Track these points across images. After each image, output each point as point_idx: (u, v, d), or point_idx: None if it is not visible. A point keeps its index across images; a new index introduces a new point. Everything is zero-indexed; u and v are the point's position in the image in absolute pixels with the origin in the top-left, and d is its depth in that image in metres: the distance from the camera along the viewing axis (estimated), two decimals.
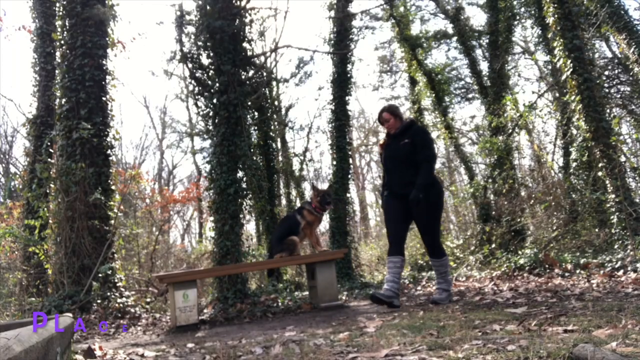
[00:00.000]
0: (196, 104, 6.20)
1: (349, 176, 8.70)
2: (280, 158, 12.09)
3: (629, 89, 9.21)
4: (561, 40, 6.43)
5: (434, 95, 10.97)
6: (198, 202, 16.04)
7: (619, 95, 9.32)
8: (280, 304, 5.38)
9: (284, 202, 12.02)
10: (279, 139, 12.45)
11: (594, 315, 2.49)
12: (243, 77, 5.95)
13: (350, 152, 9.03)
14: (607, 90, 8.74)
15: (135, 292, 6.71)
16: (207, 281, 8.20)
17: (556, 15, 6.50)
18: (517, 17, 10.11)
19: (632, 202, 5.82)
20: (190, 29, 6.05)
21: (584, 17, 8.26)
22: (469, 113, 46.33)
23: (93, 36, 5.77)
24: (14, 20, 37.02)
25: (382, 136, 21.95)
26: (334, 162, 8.57)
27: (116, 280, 5.39)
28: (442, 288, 4.17)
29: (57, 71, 6.26)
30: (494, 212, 8.95)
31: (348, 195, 8.59)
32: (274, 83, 12.23)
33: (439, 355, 1.85)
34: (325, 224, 9.40)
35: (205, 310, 5.31)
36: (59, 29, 5.94)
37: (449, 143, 11.47)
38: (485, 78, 10.36)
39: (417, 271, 8.46)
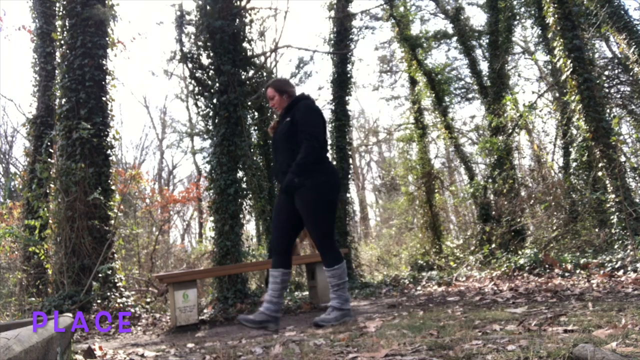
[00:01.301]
0: (196, 104, 6.20)
1: (349, 176, 8.70)
2: None
3: (629, 89, 9.22)
4: (561, 40, 6.44)
5: (434, 95, 10.97)
6: (198, 202, 16.04)
7: (619, 95, 9.32)
8: None
9: None
10: None
11: (594, 315, 2.49)
12: (243, 77, 5.95)
13: (350, 152, 9.04)
14: (607, 90, 8.74)
15: (135, 292, 6.71)
16: (207, 281, 8.20)
17: (556, 15, 6.50)
18: (517, 17, 10.11)
19: (632, 202, 5.82)
20: (190, 29, 6.05)
21: (584, 17, 8.26)
22: (469, 113, 46.36)
23: (93, 36, 5.77)
24: (14, 20, 37.04)
25: (381, 136, 21.99)
26: (334, 162, 8.58)
27: (116, 280, 5.39)
28: (333, 305, 3.32)
29: (57, 71, 6.26)
30: (494, 212, 8.96)
31: (348, 195, 8.59)
32: None
33: (439, 355, 1.85)
34: None
35: (205, 310, 5.31)
36: (59, 29, 5.94)
37: (449, 143, 11.48)
38: (485, 78, 10.36)
39: (417, 271, 8.46)
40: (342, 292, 3.34)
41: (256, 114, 9.70)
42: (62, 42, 5.84)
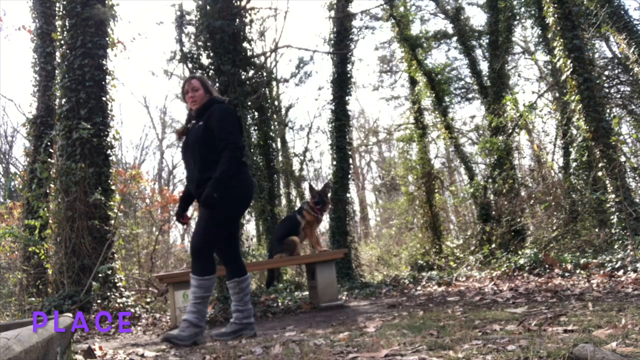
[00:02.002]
0: None
1: (349, 176, 8.70)
2: (280, 158, 12.10)
3: (629, 89, 9.21)
4: (561, 40, 6.43)
5: (434, 95, 10.97)
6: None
7: (619, 95, 9.32)
8: (280, 304, 5.38)
9: (284, 202, 12.02)
10: (279, 139, 12.47)
11: (594, 315, 2.49)
12: (243, 77, 5.96)
13: (350, 152, 9.03)
14: (607, 90, 8.74)
15: (135, 292, 6.71)
16: None
17: (556, 15, 6.50)
18: (517, 17, 10.11)
19: (632, 202, 5.82)
20: (190, 29, 6.06)
21: (584, 17, 8.26)
22: (469, 113, 46.29)
23: (93, 36, 5.77)
24: (14, 20, 37.02)
25: (381, 136, 21.96)
26: (334, 162, 8.57)
27: (116, 280, 5.39)
28: (189, 320, 3.03)
29: (57, 71, 6.26)
30: (494, 212, 8.95)
31: (348, 195, 8.59)
32: (274, 83, 12.24)
33: (439, 355, 1.85)
34: (325, 224, 9.41)
35: None
36: (59, 29, 5.94)
37: (449, 143, 11.47)
38: (485, 78, 10.36)
39: (417, 271, 8.46)
40: (203, 307, 3.11)
41: (256, 114, 9.70)
42: (62, 42, 5.84)
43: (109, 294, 5.15)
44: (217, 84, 5.79)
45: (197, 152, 3.16)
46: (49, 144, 6.74)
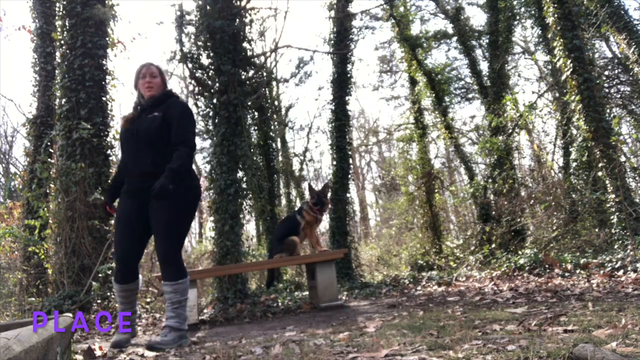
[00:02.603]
0: (196, 104, 6.20)
1: (349, 176, 8.70)
2: (280, 158, 12.11)
3: (629, 89, 9.21)
4: (561, 40, 6.44)
5: (434, 95, 10.97)
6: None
7: (619, 95, 9.32)
8: (280, 304, 5.38)
9: (284, 202, 12.03)
10: (279, 139, 12.47)
11: (594, 315, 2.49)
12: (243, 77, 5.95)
13: (350, 152, 9.03)
14: (607, 90, 8.73)
15: None
16: (207, 281, 8.20)
17: (556, 15, 6.50)
18: (517, 17, 10.10)
19: (632, 202, 5.82)
20: (190, 29, 6.06)
21: (584, 17, 8.26)
22: (469, 113, 46.27)
23: (93, 36, 5.77)
24: (14, 20, 37.01)
25: (381, 136, 21.96)
26: (334, 162, 8.57)
27: None
28: (170, 325, 2.97)
29: (57, 71, 6.26)
30: (494, 212, 8.95)
31: (348, 195, 8.59)
32: (274, 83, 12.24)
33: (439, 355, 1.85)
34: (325, 224, 9.41)
35: (205, 310, 5.32)
36: (59, 29, 5.94)
37: (449, 143, 11.47)
38: (485, 78, 10.36)
39: (417, 271, 8.46)
40: (183, 311, 3.04)
41: (256, 114, 9.71)
42: (62, 42, 5.84)
43: (109, 294, 5.16)
44: (217, 84, 5.79)
45: (152, 143, 3.05)
46: (49, 144, 6.74)
